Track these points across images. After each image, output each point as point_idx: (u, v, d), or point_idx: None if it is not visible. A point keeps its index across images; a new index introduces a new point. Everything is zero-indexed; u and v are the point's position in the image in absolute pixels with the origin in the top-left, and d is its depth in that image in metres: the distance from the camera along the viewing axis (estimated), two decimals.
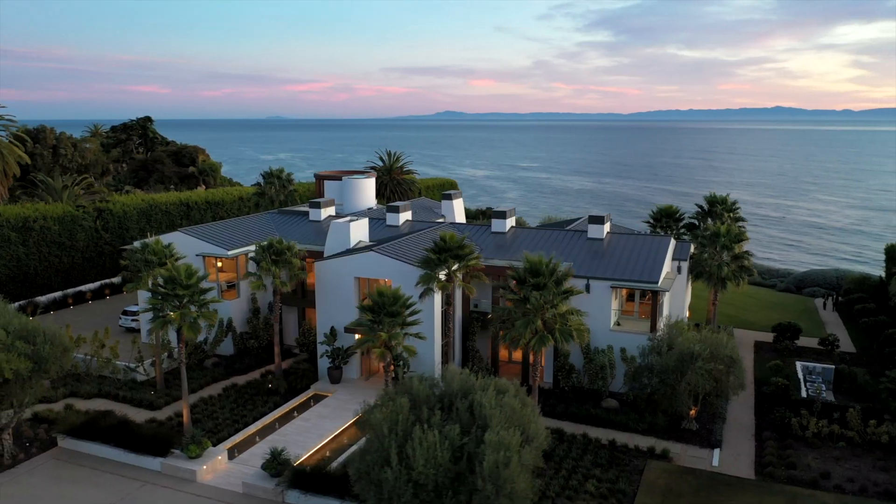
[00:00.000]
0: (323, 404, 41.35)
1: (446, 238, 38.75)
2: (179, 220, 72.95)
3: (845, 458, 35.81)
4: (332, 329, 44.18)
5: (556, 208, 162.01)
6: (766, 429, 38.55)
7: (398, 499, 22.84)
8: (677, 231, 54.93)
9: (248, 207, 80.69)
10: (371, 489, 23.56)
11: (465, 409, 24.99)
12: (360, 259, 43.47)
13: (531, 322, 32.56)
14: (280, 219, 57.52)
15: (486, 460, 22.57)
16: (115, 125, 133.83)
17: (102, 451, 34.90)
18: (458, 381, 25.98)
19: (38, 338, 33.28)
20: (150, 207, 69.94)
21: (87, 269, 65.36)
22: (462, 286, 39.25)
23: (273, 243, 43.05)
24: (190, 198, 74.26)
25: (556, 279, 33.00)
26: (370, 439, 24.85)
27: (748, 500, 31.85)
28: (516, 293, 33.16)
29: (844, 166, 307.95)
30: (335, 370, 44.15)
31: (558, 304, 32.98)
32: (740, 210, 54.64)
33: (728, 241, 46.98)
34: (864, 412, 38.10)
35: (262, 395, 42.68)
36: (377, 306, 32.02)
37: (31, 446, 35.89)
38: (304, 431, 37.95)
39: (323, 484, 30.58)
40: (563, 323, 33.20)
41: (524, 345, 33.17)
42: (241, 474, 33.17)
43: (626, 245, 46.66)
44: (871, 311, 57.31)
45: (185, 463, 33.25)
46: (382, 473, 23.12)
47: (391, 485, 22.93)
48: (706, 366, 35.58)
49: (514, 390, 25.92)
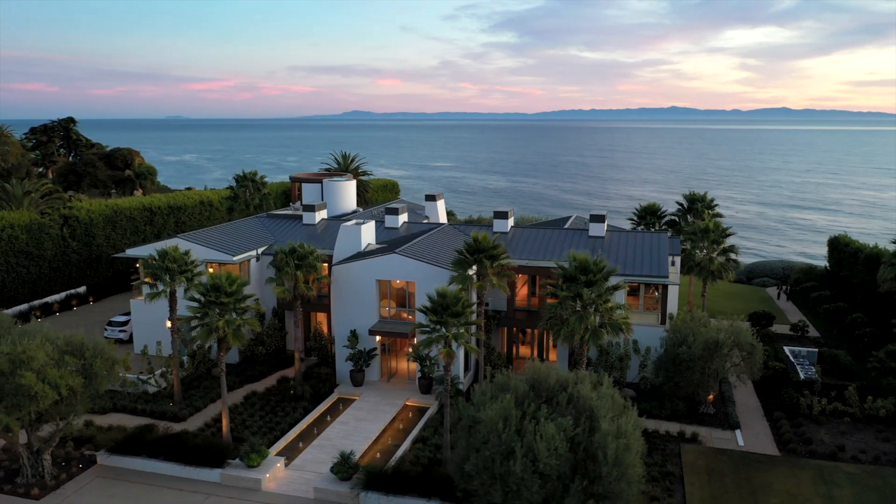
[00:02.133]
0: (355, 407, 41.55)
1: (479, 238, 39.80)
2: (143, 226, 70.40)
3: (850, 432, 39.37)
4: (354, 332, 44.33)
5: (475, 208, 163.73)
6: (775, 409, 41.75)
7: (527, 489, 23.87)
8: (659, 227, 58.00)
9: (211, 211, 78.68)
10: (496, 483, 24.44)
11: (566, 401, 26.30)
12: (382, 261, 43.85)
13: (585, 318, 34.17)
14: (271, 223, 56.77)
15: (609, 448, 23.96)
16: (34, 126, 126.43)
17: (151, 466, 33.95)
18: (555, 376, 27.22)
19: (87, 352, 32.09)
20: (115, 213, 67.19)
21: (54, 280, 62.21)
22: (499, 286, 40.40)
23: (296, 248, 42.79)
24: (153, 203, 71.70)
25: (605, 276, 34.75)
26: (480, 435, 25.62)
27: (783, 475, 34.66)
28: (567, 291, 34.61)
29: (735, 163, 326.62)
30: (358, 373, 44.35)
31: (608, 299, 34.75)
32: (718, 207, 58.27)
33: (717, 235, 50.21)
34: (860, 390, 41.90)
35: (288, 402, 42.37)
36: (440, 307, 32.73)
37: (68, 465, 34.44)
38: (347, 435, 38.14)
39: (399, 484, 31.03)
40: (610, 317, 35.00)
41: (578, 340, 34.72)
42: (306, 480, 33.15)
43: (627, 242, 49.08)
44: (828, 298, 62.40)
45: (247, 472, 32.89)
46: (509, 466, 24.07)
47: (518, 477, 23.93)
48: (730, 353, 38.29)
49: (607, 383, 27.40)
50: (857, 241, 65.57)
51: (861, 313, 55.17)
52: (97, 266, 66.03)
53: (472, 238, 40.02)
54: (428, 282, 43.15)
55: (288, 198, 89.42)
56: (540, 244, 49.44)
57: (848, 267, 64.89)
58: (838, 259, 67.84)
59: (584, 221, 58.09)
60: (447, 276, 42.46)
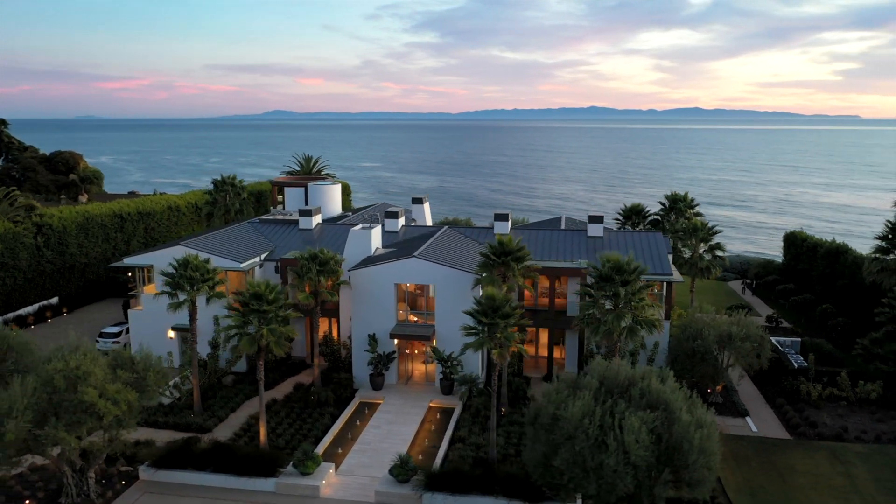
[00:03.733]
0: (383, 411, 41.89)
1: (504, 241, 40.84)
2: (114, 233, 68.08)
3: (847, 414, 42.55)
4: (373, 336, 44.61)
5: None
6: (776, 396, 44.55)
7: (621, 480, 25.13)
8: (644, 226, 60.53)
9: (178, 217, 76.67)
10: (589, 476, 25.57)
11: (639, 395, 27.71)
12: (401, 265, 44.29)
13: (622, 316, 35.77)
14: (265, 229, 56.14)
15: (694, 437, 25.50)
16: None
17: (199, 479, 33.46)
18: (624, 373, 28.59)
19: (137, 365, 31.41)
20: (87, 221, 64.76)
21: (28, 291, 59.52)
22: (525, 287, 41.55)
23: (317, 254, 42.74)
24: (122, 209, 69.38)
25: (637, 275, 36.44)
26: (564, 431, 26.65)
27: (800, 457, 37.27)
28: (604, 291, 36.11)
29: (654, 162, 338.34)
30: (377, 377, 44.66)
31: (643, 297, 36.47)
32: (699, 206, 61.27)
33: (705, 234, 52.95)
34: (849, 375, 45.22)
35: (312, 408, 42.30)
36: (490, 309, 33.62)
37: (109, 483, 33.53)
38: (384, 438, 38.52)
39: (461, 483, 31.74)
40: (643, 314, 36.73)
41: (616, 337, 36.30)
42: (361, 485, 33.44)
43: (625, 242, 51.17)
44: (793, 290, 66.51)
45: (303, 480, 32.91)
46: (601, 459, 25.26)
47: (612, 469, 25.16)
48: (743, 345, 40.74)
49: (672, 378, 28.96)
50: (814, 237, 70.08)
51: (830, 304, 59.14)
52: (70, 276, 63.53)
53: (498, 241, 41.02)
54: (447, 285, 43.98)
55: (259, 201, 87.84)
56: (542, 245, 50.88)
57: (806, 261, 69.25)
58: (795, 254, 72.27)
59: (575, 223, 59.96)
60: (466, 279, 43.43)
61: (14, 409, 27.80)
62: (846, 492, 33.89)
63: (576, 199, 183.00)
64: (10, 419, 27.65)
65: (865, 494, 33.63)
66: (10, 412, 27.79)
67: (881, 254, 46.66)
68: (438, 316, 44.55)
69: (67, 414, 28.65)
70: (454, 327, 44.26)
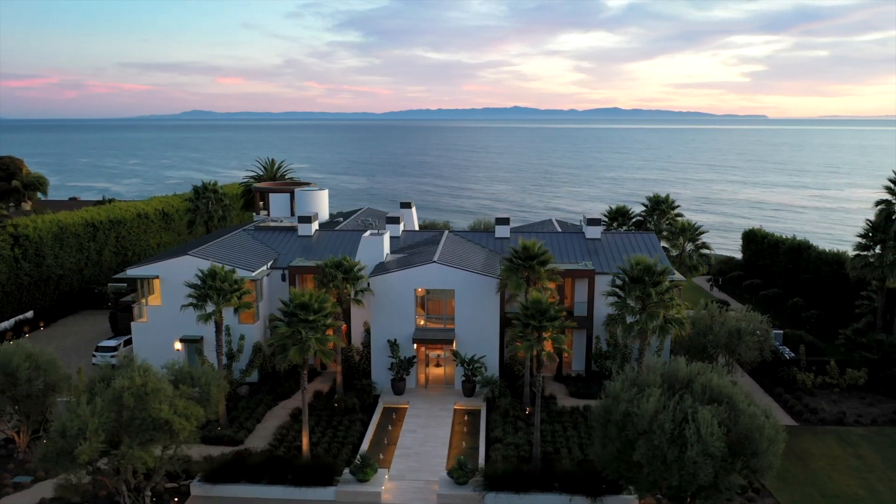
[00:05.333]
0: (412, 415, 42.43)
1: (528, 246, 42.11)
2: (87, 242, 65.70)
3: (840, 400, 45.88)
4: (395, 341, 45.08)
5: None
6: (774, 385, 47.53)
7: (702, 471, 26.75)
8: (628, 227, 63.03)
9: (147, 224, 74.48)
10: (671, 468, 27.07)
11: (700, 390, 29.49)
12: (421, 271, 44.92)
13: (655, 315, 37.60)
14: (263, 236, 55.53)
15: (765, 427, 27.44)
16: None
17: (254, 491, 33.33)
18: (684, 369, 30.32)
19: (200, 378, 31.05)
20: (62, 231, 62.29)
21: (5, 305, 56.86)
22: (549, 289, 42.91)
23: (341, 261, 42.89)
24: (94, 217, 66.99)
25: (666, 276, 38.38)
26: (638, 426, 28.09)
27: (811, 441, 40.12)
28: (637, 292, 37.87)
29: (579, 161, 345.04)
30: (399, 381, 45.15)
31: (674, 296, 38.44)
32: (680, 207, 64.27)
33: (692, 234, 55.77)
34: (838, 364, 48.71)
35: (340, 415, 42.42)
36: (538, 312, 34.81)
37: (161, 499, 32.92)
38: (423, 442, 39.16)
39: (520, 482, 32.82)
40: (672, 312, 38.72)
41: (650, 335, 38.13)
42: (417, 488, 34.05)
43: (621, 243, 53.29)
44: (760, 285, 70.52)
45: (362, 487, 33.27)
46: (686, 451, 26.81)
47: (693, 460, 26.75)
48: (751, 338, 43.40)
49: (726, 372, 30.88)
50: (774, 234, 74.51)
51: (800, 297, 63.17)
52: (45, 288, 61.00)
53: (522, 246, 42.26)
54: (467, 289, 44.94)
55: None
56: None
57: (767, 257, 73.54)
58: (756, 250, 76.58)
59: (569, 225, 61.80)
60: (486, 283, 44.53)
61: (86, 430, 27.14)
62: (862, 471, 36.80)
63: (507, 200, 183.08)
64: (82, 440, 26.99)
65: (880, 473, 36.60)
66: (83, 433, 27.13)
67: (862, 251, 50.36)
68: (458, 320, 45.43)
69: (140, 432, 28.14)
70: (474, 330, 45.45)
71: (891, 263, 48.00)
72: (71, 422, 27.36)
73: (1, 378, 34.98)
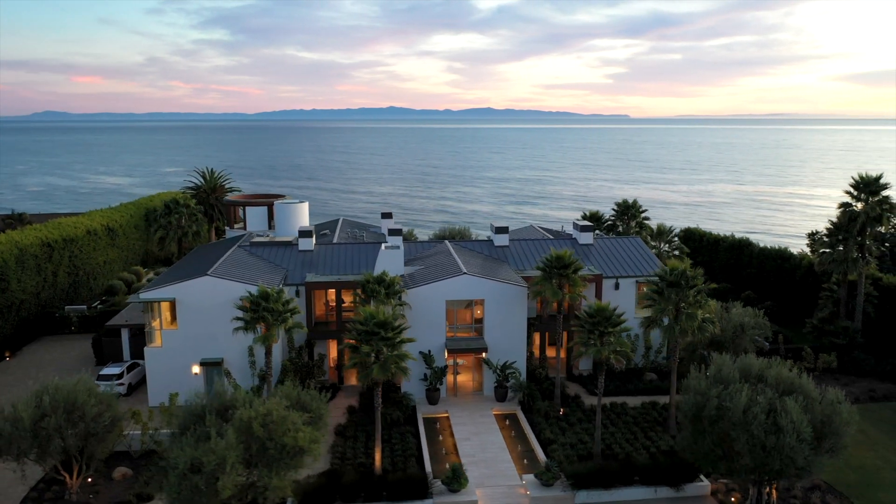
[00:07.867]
0: (457, 423, 43.58)
1: (563, 255, 44.36)
2: (45, 263, 61.36)
3: (818, 384, 51.01)
4: (429, 353, 45.96)
5: None
6: None
7: (799, 455, 30.01)
8: (602, 231, 66.76)
9: (96, 241, 70.23)
10: (771, 454, 30.14)
11: (775, 382, 32.95)
12: (452, 283, 46.08)
13: (694, 316, 40.88)
14: (262, 252, 54.38)
15: (843, 411, 31.21)
16: None
17: None
18: (756, 364, 33.68)
19: (311, 403, 30.93)
20: (22, 252, 57.89)
21: None
22: (581, 295, 45.33)
23: (383, 277, 43.30)
24: (49, 236, 62.59)
25: (698, 280, 41.81)
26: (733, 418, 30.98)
27: None
28: (674, 296, 41.01)
29: (460, 162, 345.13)
30: (433, 391, 46.12)
31: (706, 298, 41.91)
32: (647, 211, 68.70)
33: (668, 236, 60.20)
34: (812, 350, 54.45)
35: (386, 428, 42.81)
36: (603, 319, 37.17)
37: None
38: (482, 448, 40.48)
39: (604, 479, 35.03)
40: (706, 312, 42.22)
41: (691, 335, 41.40)
42: (505, 494, 35.41)
43: (612, 247, 56.64)
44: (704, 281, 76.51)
45: (457, 497, 34.30)
46: (779, 439, 29.95)
47: (790, 446, 29.97)
48: (754, 333, 47.90)
49: (782, 366, 34.52)
50: (712, 233, 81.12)
51: (751, 291, 69.43)
52: (8, 315, 56.56)
53: (555, 255, 44.45)
54: (497, 298, 46.63)
55: None
56: (539, 255, 54.64)
57: (707, 253, 79.93)
58: (694, 248, 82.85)
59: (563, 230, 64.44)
60: (514, 292, 46.44)
61: (226, 463, 26.63)
62: (871, 444, 41.94)
63: (394, 205, 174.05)
64: (223, 474, 26.48)
65: (886, 445, 41.84)
66: (222, 468, 26.60)
67: (828, 248, 56.46)
68: (487, 328, 46.99)
69: (275, 461, 27.86)
70: (503, 337, 47.20)
71: (853, 259, 54.24)
72: (207, 456, 26.71)
73: (62, 416, 32.99)
